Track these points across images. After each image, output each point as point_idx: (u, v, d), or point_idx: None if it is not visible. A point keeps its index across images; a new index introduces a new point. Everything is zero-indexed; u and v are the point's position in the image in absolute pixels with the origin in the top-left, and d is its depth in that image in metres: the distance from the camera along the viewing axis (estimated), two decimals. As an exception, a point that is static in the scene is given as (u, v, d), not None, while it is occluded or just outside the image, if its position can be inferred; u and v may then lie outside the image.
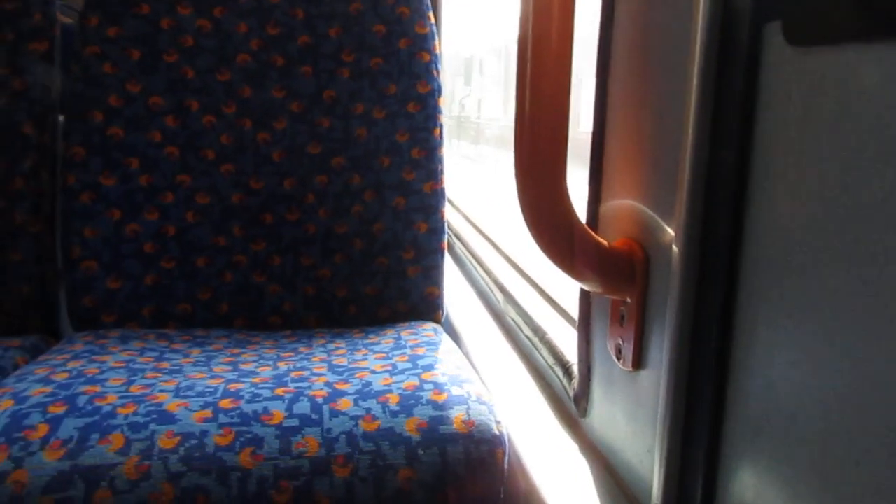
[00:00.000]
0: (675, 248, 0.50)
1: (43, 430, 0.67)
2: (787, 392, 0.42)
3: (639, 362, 0.60)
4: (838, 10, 0.39)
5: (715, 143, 0.48)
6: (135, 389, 0.75)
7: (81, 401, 0.72)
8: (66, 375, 0.78)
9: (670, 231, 0.53)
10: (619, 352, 0.63)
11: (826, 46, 0.39)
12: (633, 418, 0.61)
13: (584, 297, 0.71)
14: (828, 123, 0.39)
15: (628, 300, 0.60)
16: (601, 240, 0.60)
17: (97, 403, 0.71)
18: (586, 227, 0.60)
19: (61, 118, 1.07)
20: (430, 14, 1.11)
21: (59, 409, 0.70)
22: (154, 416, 0.70)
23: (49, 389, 0.74)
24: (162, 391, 0.75)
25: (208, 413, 0.71)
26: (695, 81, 0.48)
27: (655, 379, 0.56)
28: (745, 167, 0.46)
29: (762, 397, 0.45)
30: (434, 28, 1.10)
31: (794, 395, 0.42)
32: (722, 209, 0.48)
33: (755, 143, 0.45)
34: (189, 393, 0.75)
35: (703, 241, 0.49)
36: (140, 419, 0.69)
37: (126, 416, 0.69)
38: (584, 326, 0.71)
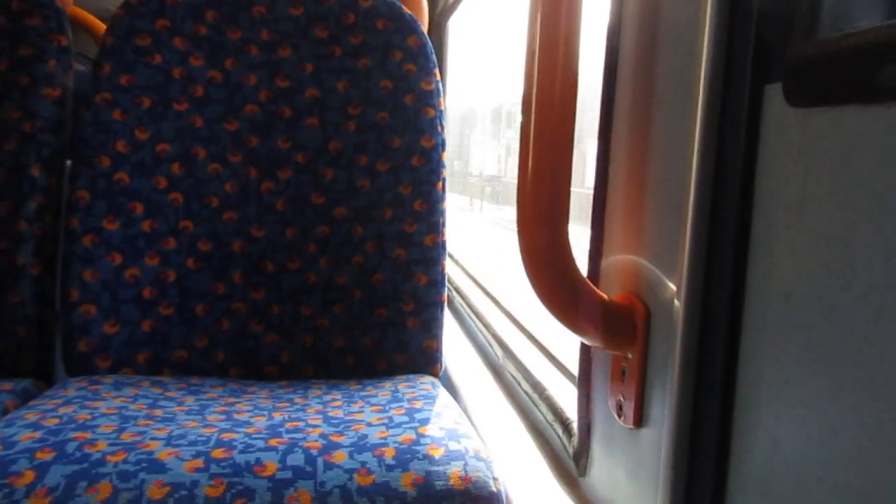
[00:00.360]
0: (676, 303, 0.50)
1: (29, 476, 0.65)
2: (792, 451, 0.41)
3: (640, 419, 0.59)
4: (837, 72, 0.40)
5: (717, 199, 0.48)
6: (126, 437, 0.74)
7: (70, 447, 0.70)
8: (56, 421, 0.77)
9: (672, 286, 0.53)
10: (619, 409, 0.62)
11: (825, 107, 0.40)
12: (635, 477, 0.60)
13: (585, 352, 0.71)
14: (828, 182, 0.39)
15: (629, 356, 0.60)
16: (602, 294, 0.60)
17: (86, 450, 0.70)
18: (588, 281, 0.60)
19: (68, 163, 1.08)
20: (437, 72, 1.13)
21: (46, 456, 0.68)
22: (144, 465, 0.68)
23: (38, 435, 0.72)
24: (153, 439, 0.73)
25: (200, 463, 0.69)
26: (697, 139, 0.48)
27: (657, 437, 0.55)
28: (746, 224, 0.46)
29: (767, 456, 0.44)
30: (440, 85, 1.13)
31: (799, 455, 0.41)
32: (724, 265, 0.48)
33: (756, 200, 0.46)
34: (181, 441, 0.73)
35: (705, 296, 0.49)
36: (130, 467, 0.68)
37: (115, 465, 0.68)
38: (585, 382, 0.71)
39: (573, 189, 0.57)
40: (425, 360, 1.08)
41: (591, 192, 0.68)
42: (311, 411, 0.86)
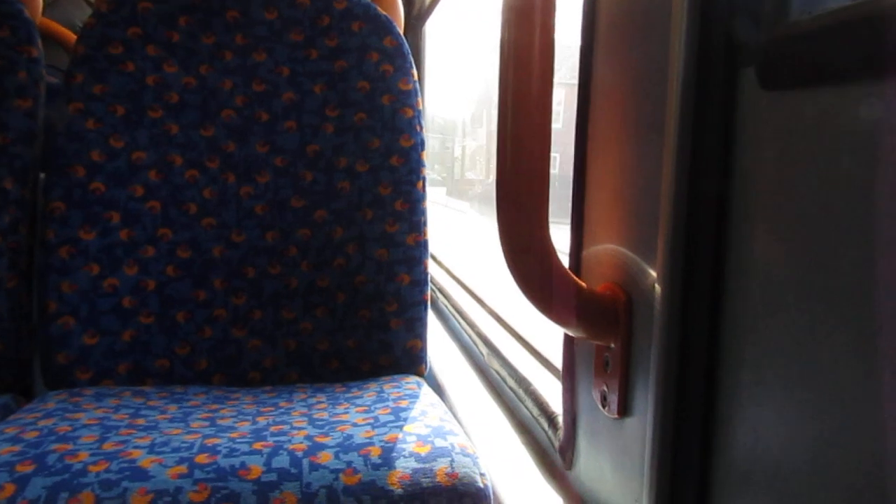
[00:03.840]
0: (657, 289, 0.50)
1: (9, 489, 0.64)
2: (773, 437, 0.42)
3: (624, 409, 0.59)
4: (808, 54, 0.40)
5: (694, 185, 0.48)
6: (107, 446, 0.73)
7: (51, 459, 0.69)
8: (36, 434, 0.75)
9: (653, 274, 0.53)
10: (604, 399, 0.62)
11: (798, 89, 0.40)
12: (620, 468, 0.60)
13: (569, 344, 0.71)
14: (803, 164, 0.40)
15: (612, 346, 0.60)
16: (584, 284, 0.60)
17: (68, 461, 0.69)
18: (569, 271, 0.60)
19: (42, 174, 1.07)
20: (414, 71, 1.13)
21: (27, 468, 0.67)
22: (127, 473, 0.67)
23: (18, 448, 0.71)
24: (136, 447, 0.72)
25: (183, 469, 0.68)
26: (673, 126, 0.49)
27: (641, 426, 0.56)
28: (724, 208, 0.47)
29: (749, 443, 0.44)
30: (417, 85, 1.13)
31: (780, 441, 0.41)
32: (703, 250, 0.48)
33: (733, 184, 0.46)
34: (164, 449, 0.72)
35: (685, 282, 0.49)
36: (112, 476, 0.67)
37: (97, 474, 0.67)
38: (569, 374, 0.71)
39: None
40: (410, 361, 1.08)
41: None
42: (296, 414, 0.85)
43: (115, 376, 1.01)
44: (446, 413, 0.85)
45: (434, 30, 2.09)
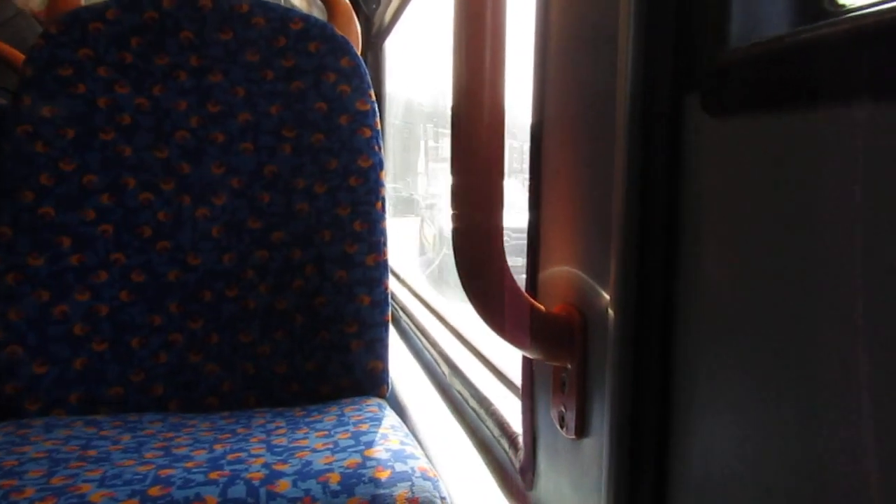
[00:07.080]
0: (610, 311, 0.51)
1: None
2: (726, 453, 0.42)
3: (582, 430, 0.59)
4: (747, 80, 0.41)
5: (644, 208, 0.49)
6: (56, 481, 0.70)
7: None
8: None
9: (606, 296, 0.54)
10: (562, 420, 0.62)
11: (739, 115, 0.41)
12: (579, 488, 0.60)
13: (527, 365, 0.71)
14: (746, 189, 0.41)
15: (569, 366, 0.60)
16: (539, 306, 0.61)
17: (13, 498, 0.66)
18: (525, 293, 0.60)
19: None
20: (371, 92, 1.13)
21: None
22: None
23: None
24: (86, 481, 0.70)
25: (135, 502, 0.66)
26: (622, 150, 0.49)
27: (599, 446, 0.56)
28: (673, 231, 0.47)
29: (703, 459, 0.45)
30: (375, 105, 1.13)
31: (733, 456, 0.42)
32: (654, 272, 0.49)
33: (682, 207, 0.47)
34: (116, 482, 0.70)
35: (637, 304, 0.50)
36: None
37: None
38: (528, 396, 0.71)
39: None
40: (371, 382, 1.07)
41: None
42: (254, 441, 0.84)
43: (67, 406, 0.98)
44: (407, 436, 0.84)
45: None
